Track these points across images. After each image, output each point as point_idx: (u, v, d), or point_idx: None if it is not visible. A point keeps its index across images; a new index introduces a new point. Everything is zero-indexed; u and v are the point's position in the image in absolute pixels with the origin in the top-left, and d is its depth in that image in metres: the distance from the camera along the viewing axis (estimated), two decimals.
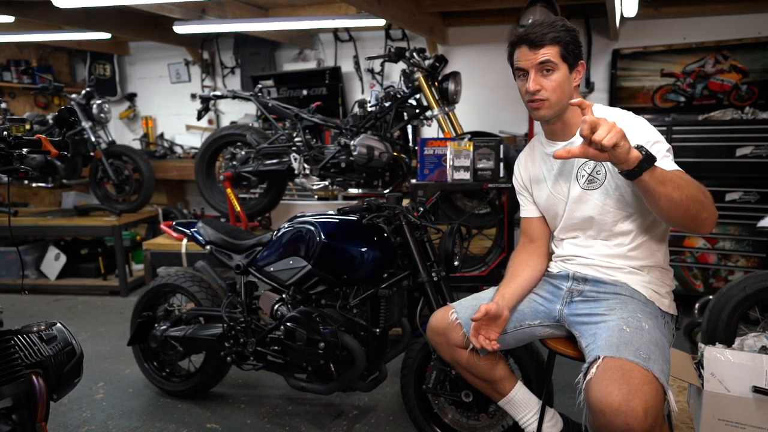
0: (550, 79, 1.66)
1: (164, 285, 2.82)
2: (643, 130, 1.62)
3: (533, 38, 1.64)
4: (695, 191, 1.47)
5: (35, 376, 1.39)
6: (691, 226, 1.53)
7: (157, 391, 2.91)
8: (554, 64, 1.64)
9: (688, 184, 1.47)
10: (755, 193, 3.46)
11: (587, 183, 1.73)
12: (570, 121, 1.75)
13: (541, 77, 1.66)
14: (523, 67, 1.68)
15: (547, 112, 1.70)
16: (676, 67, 4.53)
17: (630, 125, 1.60)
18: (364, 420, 2.60)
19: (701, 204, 1.48)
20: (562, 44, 1.64)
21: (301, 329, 2.24)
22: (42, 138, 1.60)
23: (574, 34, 1.67)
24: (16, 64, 5.88)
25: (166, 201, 5.82)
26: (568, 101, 1.69)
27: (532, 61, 1.65)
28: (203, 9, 4.39)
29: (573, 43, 1.66)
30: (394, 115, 3.42)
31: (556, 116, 1.73)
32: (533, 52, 1.65)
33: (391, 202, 2.27)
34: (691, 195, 1.46)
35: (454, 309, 1.92)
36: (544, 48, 1.64)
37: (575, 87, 1.72)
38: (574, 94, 1.72)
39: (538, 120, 1.77)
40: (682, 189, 1.45)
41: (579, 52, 1.69)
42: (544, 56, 1.64)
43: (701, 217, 1.49)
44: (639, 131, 1.61)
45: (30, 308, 4.31)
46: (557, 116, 1.73)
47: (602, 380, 1.43)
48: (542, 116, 1.72)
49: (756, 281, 2.55)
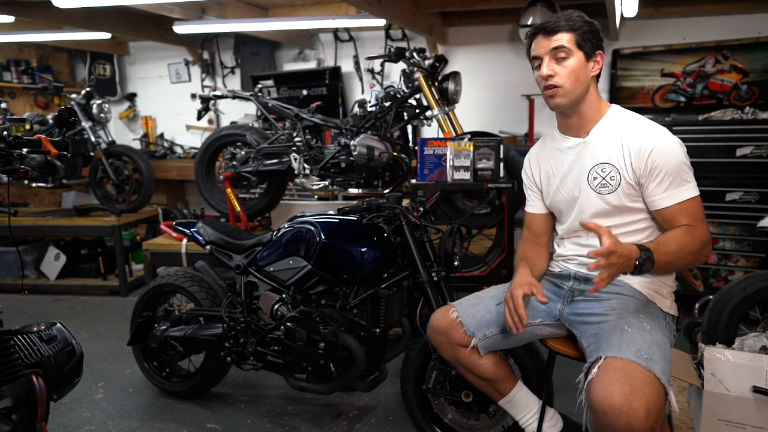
0: (564, 65, 1.65)
1: (164, 285, 2.82)
2: (667, 158, 1.62)
3: (548, 26, 1.65)
4: (695, 248, 1.60)
5: (35, 376, 1.39)
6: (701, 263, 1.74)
7: (157, 391, 2.91)
8: (568, 49, 1.64)
9: (686, 246, 1.60)
10: (755, 193, 3.46)
11: (600, 186, 1.72)
12: (587, 115, 1.73)
13: (554, 63, 1.65)
14: (538, 54, 1.68)
15: (562, 100, 1.68)
16: (676, 67, 4.53)
17: (657, 150, 1.62)
18: (364, 420, 2.60)
19: (699, 254, 1.63)
20: (577, 31, 1.64)
21: (301, 329, 2.24)
22: (42, 138, 1.60)
23: (593, 25, 1.67)
24: (16, 64, 5.88)
25: (166, 201, 5.82)
26: (586, 92, 1.69)
27: (546, 48, 1.65)
28: (203, 9, 4.39)
29: (590, 31, 1.65)
30: (394, 115, 3.42)
31: (571, 107, 1.71)
32: (547, 38, 1.65)
33: (391, 202, 2.26)
34: (690, 256, 1.61)
35: (455, 308, 1.92)
36: (558, 33, 1.64)
37: (593, 78, 1.70)
38: (592, 85, 1.70)
39: (553, 110, 1.75)
40: (683, 256, 1.59)
41: (597, 41, 1.67)
42: (557, 41, 1.64)
43: (700, 262, 1.70)
44: (663, 159, 1.62)
45: (30, 308, 4.31)
46: (573, 108, 1.71)
47: (604, 380, 1.43)
48: (557, 105, 1.70)
49: (756, 281, 2.55)
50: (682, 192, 1.63)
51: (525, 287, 1.70)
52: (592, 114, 1.72)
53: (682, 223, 1.64)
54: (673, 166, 1.62)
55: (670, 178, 1.62)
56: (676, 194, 1.63)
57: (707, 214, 3.69)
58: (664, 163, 1.61)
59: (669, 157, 1.62)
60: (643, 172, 1.64)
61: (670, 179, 1.63)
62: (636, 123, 1.69)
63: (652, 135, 1.65)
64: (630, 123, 1.69)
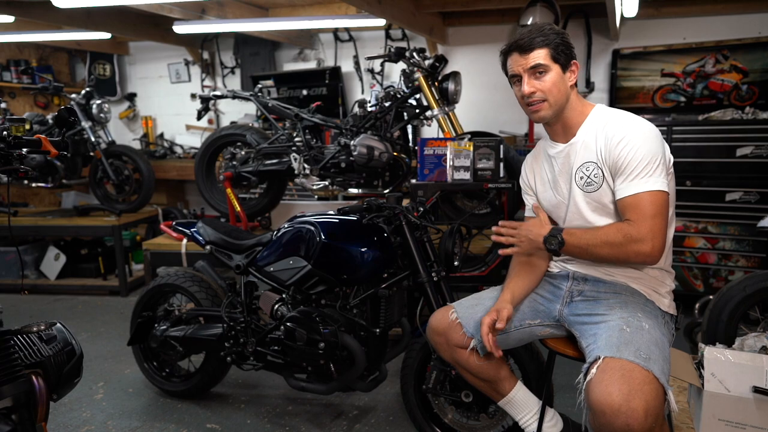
0: (544, 80, 1.68)
1: (164, 285, 2.82)
2: (634, 148, 1.62)
3: (522, 44, 1.68)
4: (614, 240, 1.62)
5: (35, 376, 1.39)
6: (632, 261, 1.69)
7: (157, 391, 2.91)
8: (545, 66, 1.67)
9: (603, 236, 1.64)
10: (755, 193, 3.46)
11: (585, 185, 1.73)
12: (570, 121, 1.76)
13: (534, 80, 1.69)
14: (516, 72, 1.72)
15: (546, 113, 1.72)
16: (676, 67, 4.53)
17: (626, 140, 1.62)
18: (364, 420, 2.60)
19: (620, 248, 1.62)
20: (551, 46, 1.67)
21: (301, 329, 2.24)
22: (42, 138, 1.60)
23: (564, 36, 1.70)
24: (16, 64, 5.88)
25: (166, 201, 5.82)
26: (566, 101, 1.72)
27: (524, 66, 1.69)
28: (203, 9, 4.39)
29: (563, 44, 1.69)
30: (394, 115, 3.42)
31: (555, 117, 1.74)
32: (523, 57, 1.69)
33: (391, 202, 2.26)
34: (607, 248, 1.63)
35: (454, 309, 1.92)
36: (533, 52, 1.67)
37: (571, 86, 1.73)
38: (572, 93, 1.74)
39: (538, 122, 1.79)
40: (597, 244, 1.65)
41: (570, 52, 1.71)
42: (534, 60, 1.67)
43: (626, 258, 1.64)
44: (630, 148, 1.62)
45: (30, 308, 4.31)
46: (556, 117, 1.75)
47: (602, 380, 1.43)
48: (542, 117, 1.74)
49: (756, 281, 2.54)
50: (638, 185, 1.61)
51: (492, 314, 1.75)
52: (576, 118, 1.75)
53: (627, 218, 1.63)
54: (638, 157, 1.60)
55: (631, 169, 1.61)
56: (630, 186, 1.62)
57: (707, 213, 3.71)
58: (629, 152, 1.61)
59: (637, 147, 1.61)
60: (612, 163, 1.65)
61: (630, 170, 1.62)
62: (615, 118, 1.71)
63: (625, 126, 1.66)
64: (610, 119, 1.71)
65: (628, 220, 1.62)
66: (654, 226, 1.59)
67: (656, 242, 1.59)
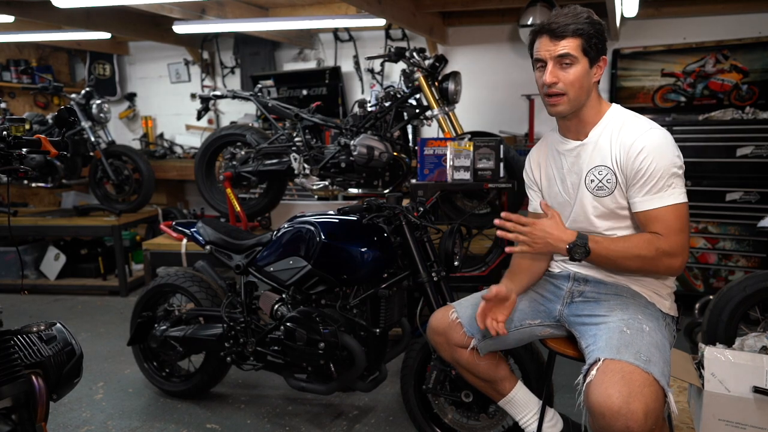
0: (569, 72, 1.61)
1: (164, 285, 2.82)
2: (655, 161, 1.58)
3: (555, 28, 1.60)
4: (645, 254, 1.59)
5: (35, 376, 1.39)
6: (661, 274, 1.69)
7: (157, 391, 2.91)
8: (574, 57, 1.60)
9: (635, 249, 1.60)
10: (755, 193, 3.45)
11: (596, 189, 1.70)
12: (586, 118, 1.70)
13: (558, 69, 1.62)
14: (542, 57, 1.64)
15: (564, 108, 1.66)
16: (676, 67, 4.53)
17: (647, 151, 1.58)
18: (364, 420, 2.60)
19: (651, 261, 1.60)
20: (584, 37, 1.60)
21: (301, 329, 2.24)
22: (42, 138, 1.60)
23: (599, 28, 1.62)
24: (16, 64, 5.87)
25: (166, 201, 5.81)
26: (587, 98, 1.66)
27: (552, 53, 1.61)
28: (203, 9, 4.39)
29: (597, 36, 1.61)
30: (394, 115, 3.42)
31: (572, 113, 1.68)
32: (553, 43, 1.61)
33: (391, 202, 2.26)
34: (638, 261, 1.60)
35: (454, 309, 1.92)
36: (565, 40, 1.59)
37: (595, 83, 1.68)
38: (593, 90, 1.68)
39: (553, 116, 1.73)
40: (628, 257, 1.61)
41: (602, 46, 1.64)
42: (564, 49, 1.60)
43: (656, 271, 1.64)
44: (651, 161, 1.58)
45: (30, 308, 4.31)
46: (574, 113, 1.69)
47: (602, 382, 1.43)
48: (558, 112, 1.68)
49: (756, 281, 2.54)
50: (662, 198, 1.59)
51: (489, 294, 1.71)
52: (592, 116, 1.70)
53: (653, 230, 1.61)
54: (660, 170, 1.58)
55: (653, 182, 1.59)
56: (654, 200, 1.60)
57: (707, 213, 3.71)
58: (650, 165, 1.58)
59: (658, 160, 1.58)
60: (630, 173, 1.62)
61: (652, 183, 1.59)
62: (632, 122, 1.66)
63: (644, 135, 1.61)
64: (627, 123, 1.66)
65: (656, 234, 1.60)
66: (683, 241, 1.60)
67: (686, 256, 1.62)
